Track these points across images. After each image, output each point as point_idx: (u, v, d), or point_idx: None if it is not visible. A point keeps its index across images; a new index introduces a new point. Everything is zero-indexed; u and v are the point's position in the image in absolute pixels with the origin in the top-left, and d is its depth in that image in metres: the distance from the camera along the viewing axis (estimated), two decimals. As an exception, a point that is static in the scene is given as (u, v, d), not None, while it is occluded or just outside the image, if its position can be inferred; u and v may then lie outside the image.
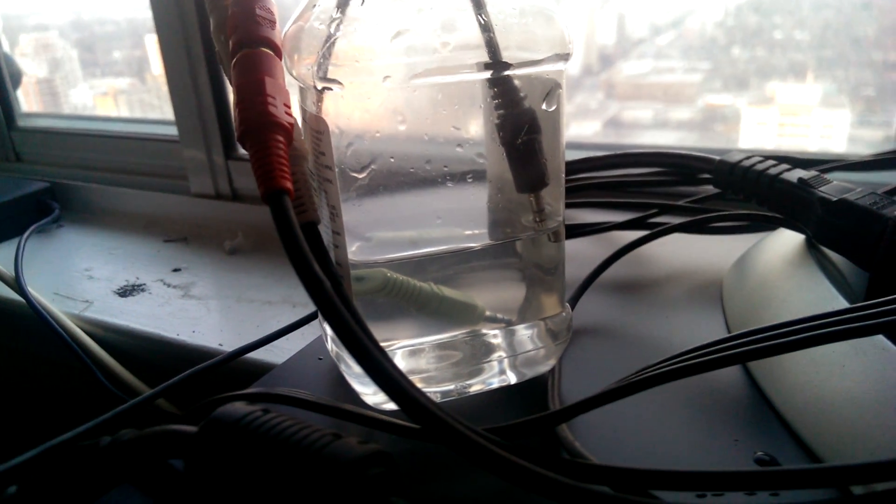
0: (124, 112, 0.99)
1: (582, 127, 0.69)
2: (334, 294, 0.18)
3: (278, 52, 0.22)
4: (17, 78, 0.79)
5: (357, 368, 0.26)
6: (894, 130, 0.51)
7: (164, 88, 0.63)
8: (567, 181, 0.27)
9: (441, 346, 0.26)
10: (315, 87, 0.22)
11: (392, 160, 0.23)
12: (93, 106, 1.01)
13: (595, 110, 0.75)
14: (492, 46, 0.23)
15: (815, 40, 0.58)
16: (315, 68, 0.22)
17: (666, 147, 0.43)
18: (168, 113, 0.64)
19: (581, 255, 0.38)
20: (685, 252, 0.39)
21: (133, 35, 0.96)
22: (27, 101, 0.83)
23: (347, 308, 0.19)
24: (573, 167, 0.42)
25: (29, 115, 0.81)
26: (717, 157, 0.35)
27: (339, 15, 0.22)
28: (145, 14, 0.69)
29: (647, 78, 0.74)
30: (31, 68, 0.91)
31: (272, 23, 0.22)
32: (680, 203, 0.39)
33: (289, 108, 0.21)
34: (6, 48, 0.80)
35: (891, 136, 0.51)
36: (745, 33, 0.63)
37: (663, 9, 0.71)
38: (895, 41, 0.55)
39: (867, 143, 0.59)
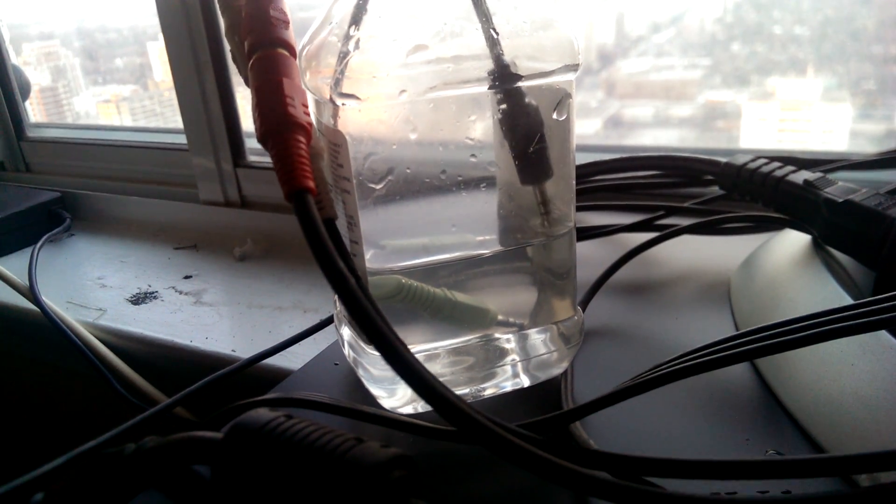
0: (126, 118, 0.99)
1: (583, 125, 0.70)
2: (358, 289, 0.19)
3: (293, 53, 0.22)
4: (25, 89, 0.80)
5: (375, 372, 0.27)
6: (896, 123, 0.51)
7: (166, 95, 0.64)
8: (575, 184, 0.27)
9: (455, 350, 0.27)
10: (332, 102, 0.23)
11: (408, 171, 0.24)
12: (95, 114, 1.01)
13: (595, 108, 0.75)
14: (503, 59, 0.23)
15: (814, 35, 0.58)
16: (332, 83, 0.22)
17: (672, 150, 0.43)
18: (169, 119, 0.65)
19: (589, 257, 0.39)
20: (692, 252, 0.40)
21: (135, 42, 0.97)
22: (31, 109, 0.84)
23: (374, 308, 0.19)
24: (580, 171, 0.42)
25: (38, 126, 0.82)
26: (723, 160, 0.36)
27: (355, 31, 0.23)
28: (147, 21, 0.70)
29: (647, 76, 0.74)
30: (35, 77, 0.91)
31: (286, 23, 0.22)
32: (686, 205, 0.40)
33: (306, 107, 0.21)
34: (13, 58, 0.81)
35: (893, 130, 0.52)
36: (744, 29, 0.64)
37: (662, 6, 0.71)
38: (895, 34, 0.55)
39: (869, 137, 0.59)
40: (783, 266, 0.31)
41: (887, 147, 0.43)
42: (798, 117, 0.65)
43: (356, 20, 0.23)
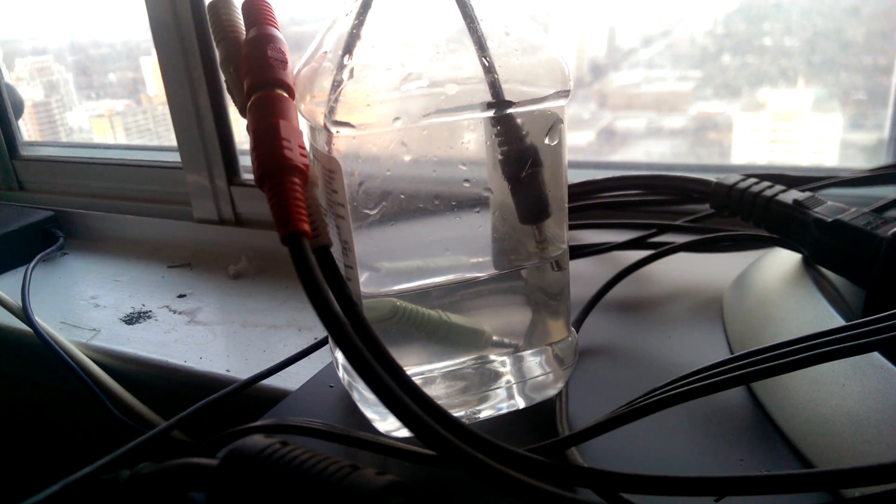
0: (119, 133, 0.99)
1: (576, 137, 0.70)
2: (356, 336, 0.19)
3: (291, 93, 0.22)
4: (18, 108, 0.80)
5: (369, 396, 0.27)
6: (886, 133, 0.52)
7: (159, 109, 0.64)
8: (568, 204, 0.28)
9: (450, 374, 0.27)
10: (327, 129, 0.23)
11: (402, 196, 0.24)
12: (89, 128, 1.01)
13: (588, 120, 0.76)
14: (496, 87, 0.24)
15: (804, 46, 0.59)
16: (326, 111, 0.23)
17: (663, 167, 0.44)
18: (162, 134, 0.65)
19: (582, 275, 0.39)
20: (684, 269, 0.40)
21: (128, 57, 0.97)
22: (23, 124, 0.84)
23: (369, 337, 0.20)
24: (573, 190, 0.43)
25: (31, 144, 0.82)
26: (714, 179, 0.36)
27: (348, 60, 0.23)
28: (140, 36, 0.69)
29: (639, 87, 0.75)
30: (28, 92, 0.91)
31: (284, 63, 0.22)
32: (678, 223, 0.40)
33: (303, 148, 0.21)
34: (6, 76, 0.81)
35: (883, 140, 0.52)
36: (734, 41, 0.64)
37: (653, 19, 0.72)
38: (884, 45, 0.56)
39: (859, 146, 0.60)
40: (774, 285, 0.32)
41: (877, 157, 0.44)
42: (789, 128, 0.66)
43: (349, 49, 0.23)
